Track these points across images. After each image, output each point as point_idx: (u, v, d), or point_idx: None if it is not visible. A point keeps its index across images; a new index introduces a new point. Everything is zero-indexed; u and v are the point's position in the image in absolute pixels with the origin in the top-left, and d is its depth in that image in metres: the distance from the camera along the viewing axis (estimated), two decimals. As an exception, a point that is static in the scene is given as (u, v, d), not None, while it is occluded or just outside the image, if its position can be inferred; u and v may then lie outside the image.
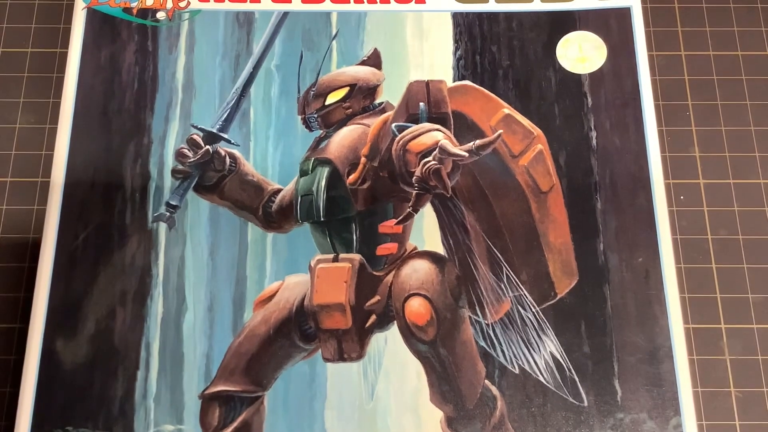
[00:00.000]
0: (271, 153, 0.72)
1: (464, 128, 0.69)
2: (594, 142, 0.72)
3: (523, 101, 0.72)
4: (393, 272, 0.68)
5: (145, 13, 0.76)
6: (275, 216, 0.70)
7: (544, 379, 0.65)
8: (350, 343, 0.66)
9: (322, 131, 0.72)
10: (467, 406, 0.64)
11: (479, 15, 0.76)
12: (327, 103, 0.72)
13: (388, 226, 0.68)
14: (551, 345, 0.66)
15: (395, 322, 0.66)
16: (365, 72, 0.73)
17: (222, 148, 0.71)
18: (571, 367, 0.65)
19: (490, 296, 0.66)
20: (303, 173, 0.70)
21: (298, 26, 0.75)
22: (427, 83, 0.69)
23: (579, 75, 0.74)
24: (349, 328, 0.66)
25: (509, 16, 0.76)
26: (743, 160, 0.82)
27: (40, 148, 0.82)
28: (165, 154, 0.71)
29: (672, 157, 0.81)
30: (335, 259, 0.68)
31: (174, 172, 0.71)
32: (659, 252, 0.68)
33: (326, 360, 0.66)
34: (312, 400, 0.65)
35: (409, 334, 0.65)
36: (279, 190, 0.71)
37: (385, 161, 0.68)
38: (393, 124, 0.68)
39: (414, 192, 0.67)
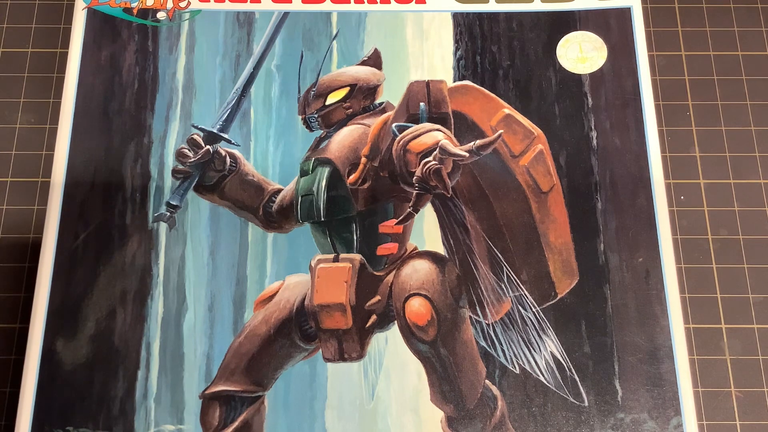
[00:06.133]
0: (271, 153, 0.72)
1: (464, 128, 0.69)
2: (594, 142, 0.72)
3: (524, 101, 0.72)
4: (393, 272, 0.68)
5: (145, 13, 0.76)
6: (276, 216, 0.70)
7: (545, 379, 0.65)
8: (351, 343, 0.66)
9: (322, 131, 0.72)
10: (468, 406, 0.64)
11: (479, 15, 0.76)
12: (327, 103, 0.72)
13: (389, 226, 0.68)
14: (552, 345, 0.66)
15: (396, 322, 0.66)
16: (365, 72, 0.73)
17: (222, 148, 0.71)
18: (571, 367, 0.65)
19: (491, 296, 0.66)
20: (303, 173, 0.70)
21: (299, 26, 0.75)
22: (428, 83, 0.70)
23: (579, 75, 0.74)
24: (349, 328, 0.66)
25: (509, 16, 0.76)
26: (743, 160, 0.82)
27: (40, 148, 0.82)
28: (165, 154, 0.71)
29: (672, 157, 0.81)
30: (336, 259, 0.68)
31: (174, 172, 0.71)
32: (659, 252, 0.68)
33: (327, 360, 0.66)
34: (312, 400, 0.65)
35: (409, 334, 0.65)
36: (279, 190, 0.71)
37: (385, 161, 0.68)
38: (393, 124, 0.68)
39: (414, 192, 0.67)
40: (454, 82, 0.73)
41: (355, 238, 0.68)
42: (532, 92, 0.73)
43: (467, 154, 0.65)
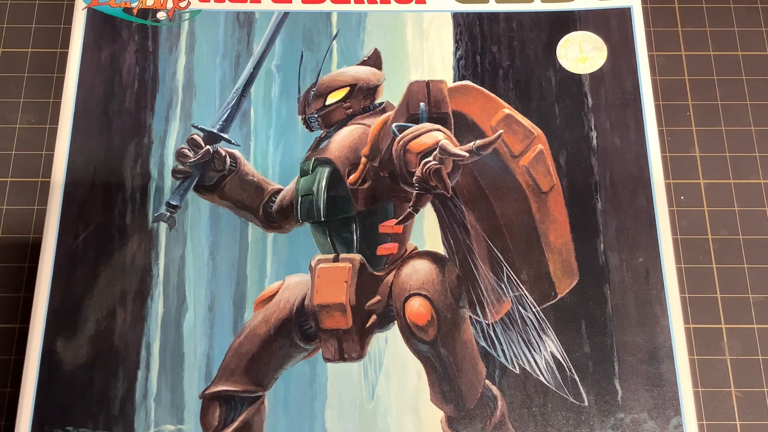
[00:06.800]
0: (271, 153, 0.72)
1: (464, 128, 0.69)
2: (594, 142, 0.72)
3: (524, 101, 0.72)
4: (393, 272, 0.68)
5: (145, 13, 0.76)
6: (276, 216, 0.70)
7: (545, 379, 0.65)
8: (351, 343, 0.66)
9: (322, 131, 0.72)
10: (468, 406, 0.64)
11: (479, 15, 0.76)
12: (327, 103, 0.72)
13: (389, 226, 0.68)
14: (552, 345, 0.66)
15: (396, 322, 0.66)
16: (365, 72, 0.73)
17: (222, 148, 0.71)
18: (571, 367, 0.65)
19: (491, 296, 0.66)
20: (303, 173, 0.70)
21: (299, 26, 0.75)
22: (428, 83, 0.69)
23: (579, 75, 0.74)
24: (349, 328, 0.66)
25: (509, 16, 0.76)
26: (743, 160, 0.82)
27: (40, 148, 0.82)
28: (165, 154, 0.71)
29: (672, 157, 0.81)
30: (336, 259, 0.68)
31: (174, 172, 0.71)
32: (659, 252, 0.68)
33: (327, 360, 0.66)
34: (312, 400, 0.65)
35: (409, 334, 0.65)
36: (279, 190, 0.71)
37: (385, 161, 0.68)
38: (393, 124, 0.68)
39: (414, 192, 0.67)
40: (454, 82, 0.73)
41: (355, 238, 0.68)
42: (532, 92, 0.73)
43: (467, 154, 0.65)
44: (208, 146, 0.71)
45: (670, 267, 0.68)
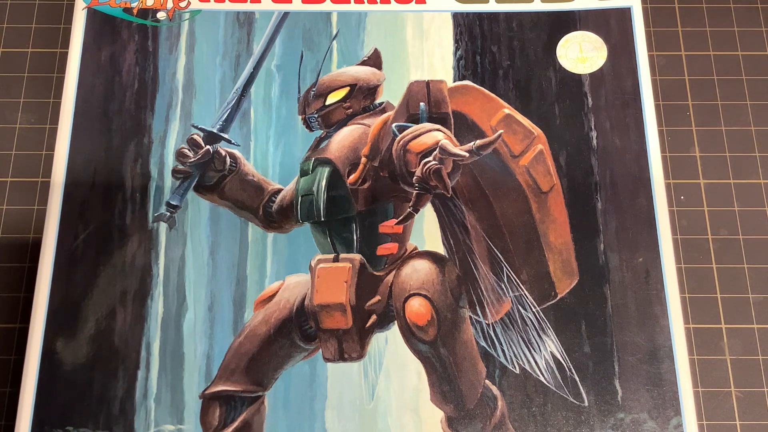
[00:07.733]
0: (271, 153, 0.72)
1: (464, 128, 0.69)
2: (594, 142, 0.72)
3: (524, 101, 0.72)
4: (393, 272, 0.68)
5: (145, 13, 0.76)
6: (276, 216, 0.70)
7: (545, 379, 0.65)
8: (351, 343, 0.66)
9: (322, 131, 0.72)
10: (468, 406, 0.64)
11: (479, 15, 0.76)
12: (327, 103, 0.72)
13: (389, 226, 0.68)
14: (552, 345, 0.66)
15: (396, 322, 0.66)
16: (365, 72, 0.73)
17: (222, 148, 0.71)
18: (571, 367, 0.65)
19: (491, 296, 0.66)
20: (303, 173, 0.70)
21: (299, 26, 0.75)
22: (428, 83, 0.69)
23: (579, 75, 0.74)
24: (349, 328, 0.66)
25: (509, 16, 0.76)
26: (743, 160, 0.82)
27: (40, 148, 0.82)
28: (165, 154, 0.71)
29: (672, 157, 0.81)
30: (336, 259, 0.68)
31: (174, 172, 0.71)
32: (659, 252, 0.68)
33: (327, 360, 0.66)
34: (312, 400, 0.65)
35: (409, 334, 0.66)
36: (279, 190, 0.71)
37: (385, 161, 0.68)
38: (393, 124, 0.68)
39: (414, 192, 0.67)
40: (454, 82, 0.73)
41: (355, 238, 0.68)
42: (532, 92, 0.73)
43: (467, 154, 0.65)
44: (208, 146, 0.71)
45: (670, 267, 0.68)
